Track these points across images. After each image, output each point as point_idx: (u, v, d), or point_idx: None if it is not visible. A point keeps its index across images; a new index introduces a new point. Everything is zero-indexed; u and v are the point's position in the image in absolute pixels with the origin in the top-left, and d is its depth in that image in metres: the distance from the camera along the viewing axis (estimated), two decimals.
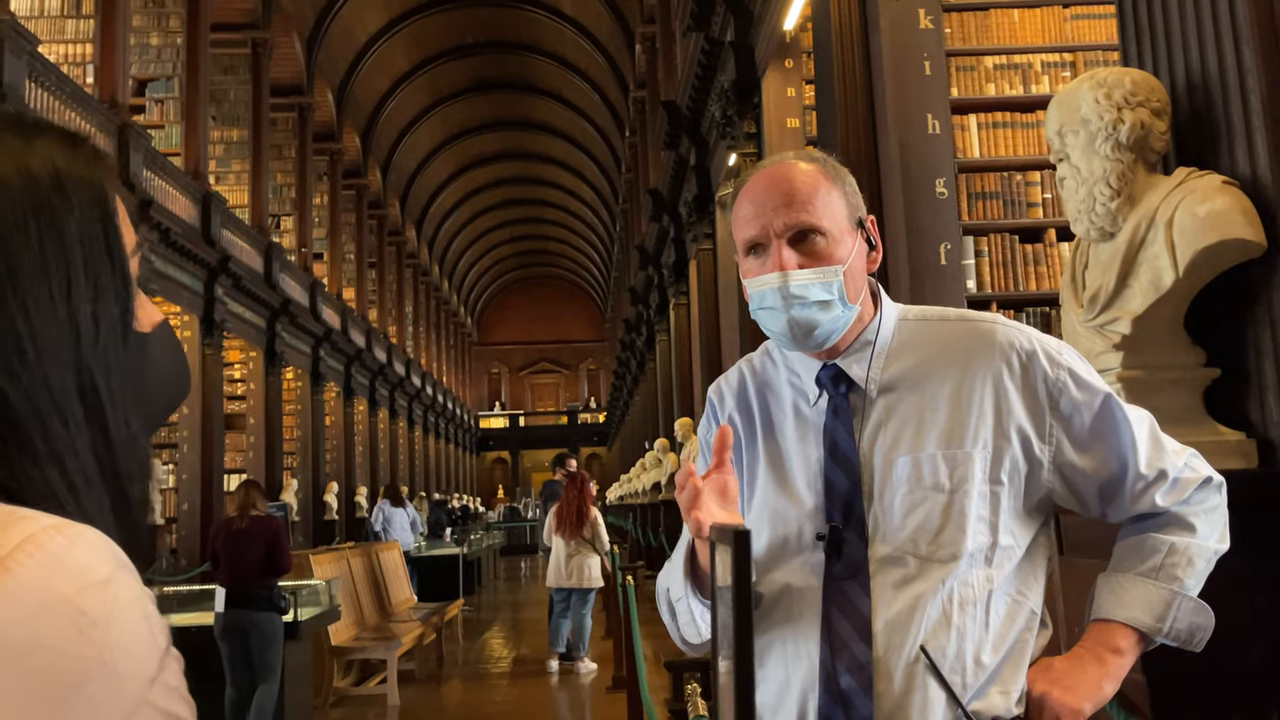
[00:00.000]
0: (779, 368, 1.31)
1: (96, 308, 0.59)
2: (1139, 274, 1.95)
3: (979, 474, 1.17)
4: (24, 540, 0.49)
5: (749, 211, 1.22)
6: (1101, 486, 1.22)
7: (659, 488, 12.11)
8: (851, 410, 1.22)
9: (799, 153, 1.28)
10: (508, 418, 49.20)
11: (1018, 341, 1.21)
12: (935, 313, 1.29)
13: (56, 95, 10.45)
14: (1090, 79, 2.01)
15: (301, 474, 18.83)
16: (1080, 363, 1.24)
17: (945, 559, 1.14)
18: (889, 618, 1.14)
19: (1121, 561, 1.24)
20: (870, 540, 1.17)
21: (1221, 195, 1.84)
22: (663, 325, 15.06)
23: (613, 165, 29.10)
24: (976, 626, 1.14)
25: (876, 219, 1.29)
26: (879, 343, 1.24)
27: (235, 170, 17.90)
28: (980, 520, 1.16)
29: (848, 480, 1.19)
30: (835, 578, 1.16)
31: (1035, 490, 1.20)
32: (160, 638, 0.52)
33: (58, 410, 0.56)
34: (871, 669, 1.12)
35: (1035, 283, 4.42)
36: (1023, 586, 1.19)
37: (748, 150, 7.67)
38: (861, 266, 1.24)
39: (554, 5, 24.26)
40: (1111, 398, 1.22)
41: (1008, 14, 4.72)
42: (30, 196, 0.57)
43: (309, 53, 20.64)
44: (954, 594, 1.14)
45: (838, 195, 1.23)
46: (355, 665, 7.47)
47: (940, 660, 1.12)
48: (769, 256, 1.20)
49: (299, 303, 18.59)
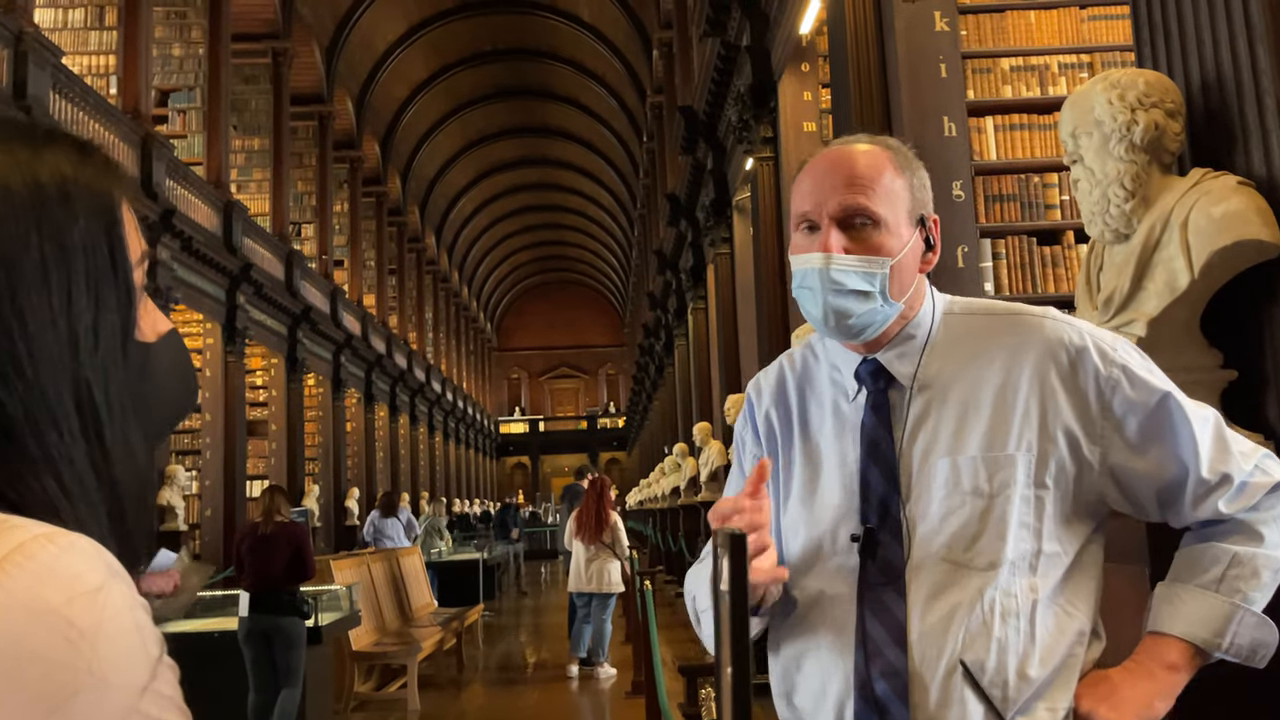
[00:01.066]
0: (820, 362, 1.26)
1: (97, 318, 0.59)
2: (1154, 276, 1.93)
3: (1022, 478, 1.11)
4: (13, 549, 0.49)
5: (807, 186, 1.18)
6: (1160, 491, 1.15)
7: (678, 492, 12.09)
8: (891, 407, 1.17)
9: (873, 136, 1.22)
10: (528, 423, 49.30)
11: (1067, 336, 1.15)
12: (982, 305, 1.24)
13: (80, 107, 10.57)
14: (1103, 80, 2.00)
15: (323, 480, 18.93)
16: (1137, 359, 1.17)
17: (983, 567, 1.09)
18: (924, 627, 1.09)
19: (1181, 571, 1.17)
20: (906, 544, 1.12)
21: (1237, 196, 1.83)
22: (681, 330, 15.05)
23: (630, 170, 29.13)
24: (1020, 639, 1.08)
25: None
26: (922, 337, 1.19)
27: (256, 179, 18.05)
28: (1023, 526, 1.10)
29: (885, 480, 1.14)
30: (870, 581, 1.12)
31: (1085, 494, 1.14)
32: (152, 647, 0.51)
33: (53, 420, 0.56)
34: (907, 677, 1.08)
35: (1054, 285, 4.38)
36: (1073, 597, 1.13)
37: (764, 155, 7.66)
38: (913, 264, 1.18)
39: (572, 12, 24.32)
40: (1170, 396, 1.14)
41: (1024, 15, 4.69)
42: (35, 207, 0.58)
43: (329, 62, 20.78)
44: (995, 604, 1.08)
45: (902, 185, 1.18)
46: (376, 670, 7.50)
47: (979, 673, 1.07)
48: (819, 235, 1.16)
49: (320, 310, 18.71)
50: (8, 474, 0.55)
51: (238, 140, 17.58)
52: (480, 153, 32.32)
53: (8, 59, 9.23)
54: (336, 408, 19.92)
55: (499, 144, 32.24)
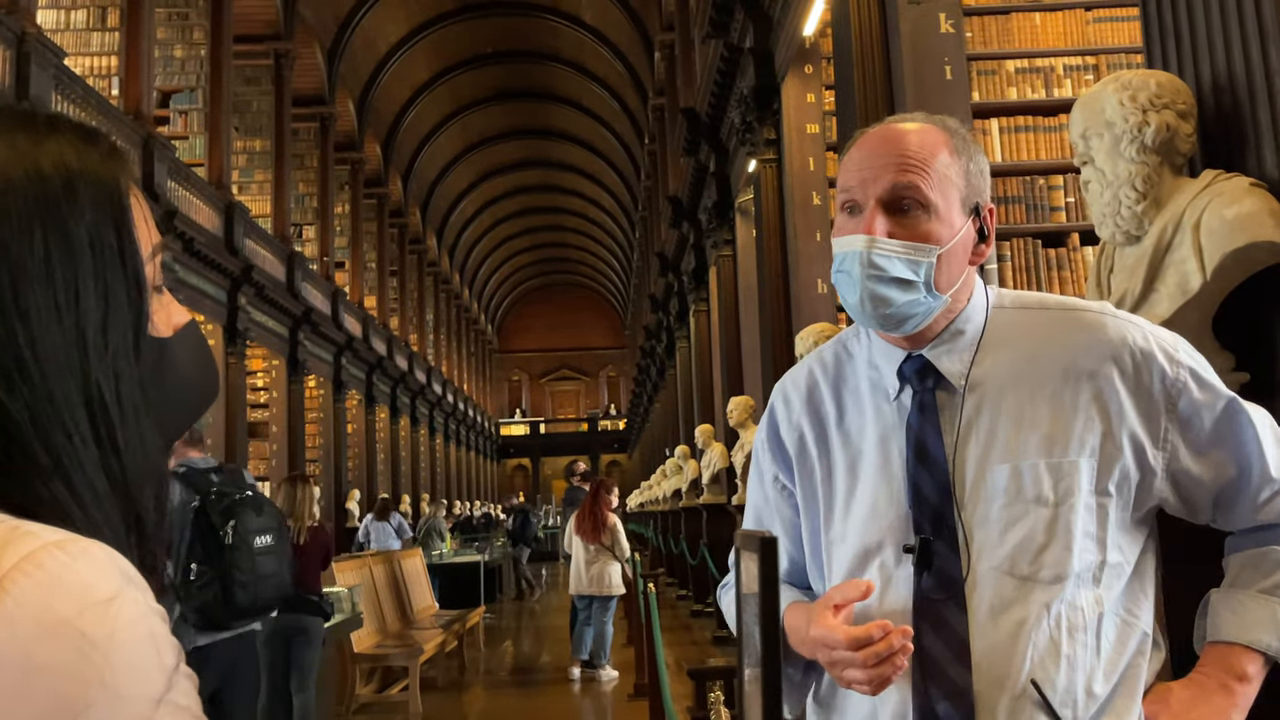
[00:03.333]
0: (856, 360, 1.18)
1: (106, 315, 0.57)
2: (1166, 278, 1.92)
3: (1085, 485, 1.05)
4: (22, 559, 0.47)
5: (854, 163, 1.10)
6: (1218, 494, 1.10)
7: (680, 495, 12.08)
8: (939, 408, 1.10)
9: (930, 115, 1.14)
10: (528, 425, 49.30)
11: (1131, 337, 1.09)
12: (1034, 299, 1.16)
13: (82, 108, 10.58)
14: (1115, 81, 1.99)
15: (324, 482, 18.93)
16: (1200, 360, 1.11)
17: (1049, 580, 1.03)
18: (987, 646, 1.02)
19: (1240, 577, 1.11)
20: (965, 555, 1.05)
21: (1250, 197, 1.82)
22: (683, 332, 15.04)
23: (632, 172, 29.13)
24: (1088, 654, 1.03)
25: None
26: (972, 333, 1.11)
27: (258, 180, 18.05)
28: (1087, 536, 1.04)
29: (937, 487, 1.07)
30: (926, 595, 1.05)
31: (1145, 500, 1.09)
32: (168, 656, 0.50)
33: (61, 424, 0.54)
34: (972, 697, 1.01)
35: (1059, 287, 4.37)
36: (1132, 605, 1.08)
37: (767, 156, 7.65)
38: (964, 255, 1.10)
39: (574, 14, 24.33)
40: (1236, 400, 1.10)
41: (1029, 17, 4.69)
42: (38, 199, 0.55)
43: (330, 63, 20.79)
44: (1062, 619, 1.02)
45: (958, 171, 1.09)
46: (377, 672, 7.49)
47: (1050, 694, 1.01)
48: (862, 217, 1.08)
49: (321, 311, 18.71)
50: (16, 481, 0.53)
51: (239, 141, 17.57)
52: (482, 154, 32.34)
53: (10, 60, 9.23)
54: (337, 409, 19.92)
55: (500, 146, 32.26)
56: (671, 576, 14.13)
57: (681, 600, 12.28)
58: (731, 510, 8.18)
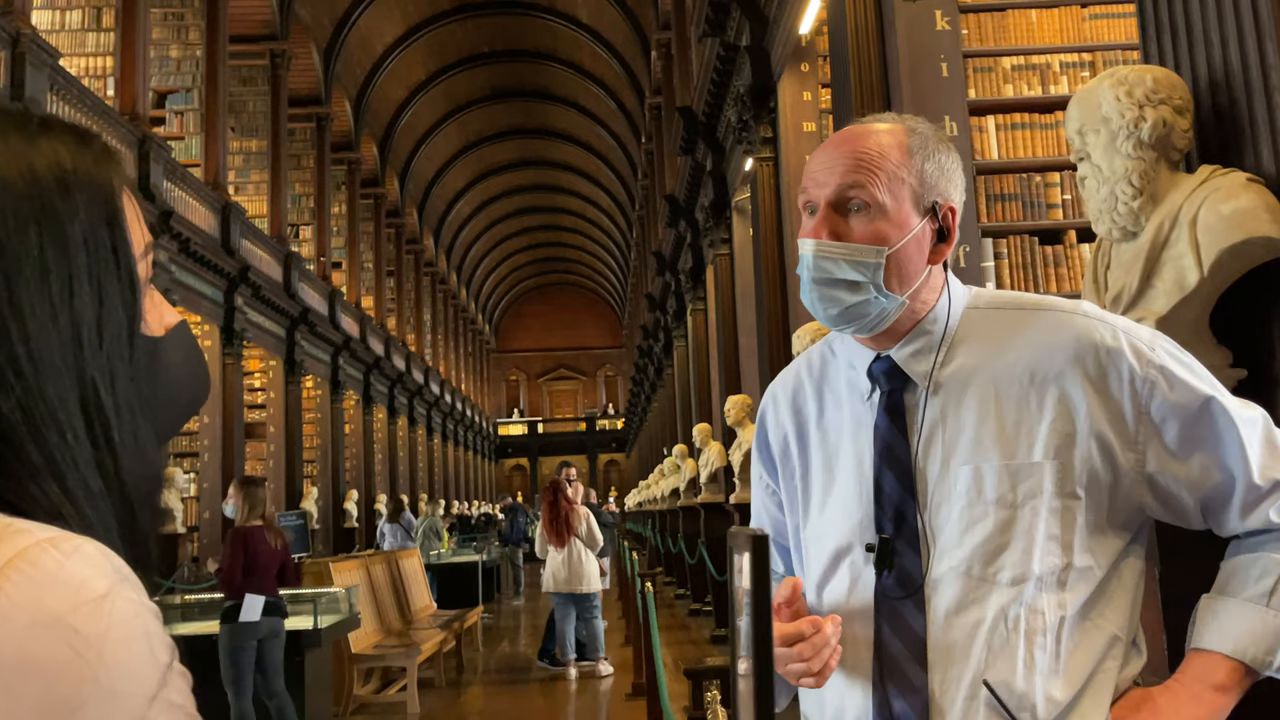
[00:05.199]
0: (838, 360, 1.19)
1: (100, 315, 0.57)
2: (1162, 274, 1.92)
3: (1049, 487, 1.03)
4: (15, 556, 0.47)
5: (812, 165, 1.12)
6: (1204, 499, 1.07)
7: (678, 494, 12.08)
8: (906, 408, 1.10)
9: (900, 116, 1.14)
10: (526, 425, 49.30)
11: (1099, 335, 1.07)
12: (1010, 299, 1.15)
13: (78, 108, 10.56)
14: (1111, 77, 1.99)
15: (321, 482, 18.93)
16: (1178, 359, 1.08)
17: (1007, 582, 1.02)
18: (943, 646, 1.03)
19: (1227, 584, 1.08)
20: (925, 554, 1.05)
21: (1246, 193, 1.81)
22: (680, 331, 15.04)
23: (629, 172, 29.13)
24: (1047, 658, 1.02)
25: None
26: (938, 333, 1.11)
27: (254, 180, 18.03)
28: (1051, 539, 1.03)
29: (900, 487, 1.08)
30: (887, 594, 1.06)
31: (1121, 503, 1.06)
32: (162, 653, 0.49)
33: (55, 423, 0.54)
34: (927, 695, 1.02)
35: (1056, 284, 4.37)
36: (1105, 610, 1.05)
37: (764, 155, 7.65)
38: (918, 255, 1.09)
39: (570, 13, 24.33)
40: (1215, 400, 1.06)
41: (1025, 14, 4.68)
42: (33, 199, 0.55)
43: (326, 63, 20.77)
44: (1020, 622, 1.01)
45: (912, 170, 1.09)
46: (376, 673, 7.48)
47: (1006, 696, 1.00)
48: (815, 219, 1.10)
49: (318, 312, 18.69)
50: (8, 480, 0.52)
51: (235, 142, 17.55)
52: (478, 154, 32.32)
53: (5, 60, 9.22)
54: (335, 410, 19.91)
55: (497, 146, 32.25)
56: (669, 576, 14.14)
57: (679, 599, 12.28)
58: (729, 509, 8.19)
